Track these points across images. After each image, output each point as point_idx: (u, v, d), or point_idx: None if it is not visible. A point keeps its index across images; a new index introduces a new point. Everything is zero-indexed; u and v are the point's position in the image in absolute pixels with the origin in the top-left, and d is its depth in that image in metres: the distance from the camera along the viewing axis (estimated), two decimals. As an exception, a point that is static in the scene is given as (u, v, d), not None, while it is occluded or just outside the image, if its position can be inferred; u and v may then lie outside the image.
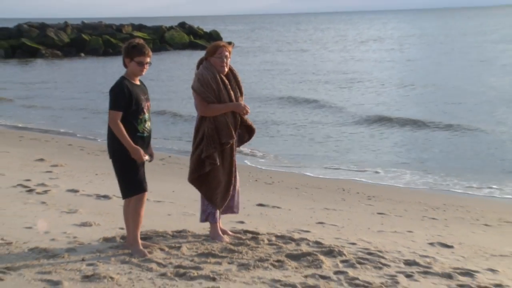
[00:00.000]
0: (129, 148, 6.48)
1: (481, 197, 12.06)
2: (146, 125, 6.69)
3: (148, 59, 6.63)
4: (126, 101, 6.47)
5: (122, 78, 6.61)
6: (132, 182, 6.68)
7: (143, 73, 6.68)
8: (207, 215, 7.32)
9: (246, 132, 7.40)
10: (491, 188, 12.72)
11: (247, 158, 14.97)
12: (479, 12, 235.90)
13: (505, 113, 21.93)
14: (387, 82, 32.78)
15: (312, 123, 21.54)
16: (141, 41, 6.75)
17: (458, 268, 6.72)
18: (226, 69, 7.14)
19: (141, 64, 6.58)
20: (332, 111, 24.06)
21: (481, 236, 8.56)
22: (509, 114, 21.69)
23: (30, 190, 9.95)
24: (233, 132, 7.12)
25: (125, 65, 6.66)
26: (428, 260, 6.99)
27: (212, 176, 7.15)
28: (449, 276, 6.45)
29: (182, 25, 71.38)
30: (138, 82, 6.71)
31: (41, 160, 13.36)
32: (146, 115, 6.68)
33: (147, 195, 6.84)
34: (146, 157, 6.62)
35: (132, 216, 6.80)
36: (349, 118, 22.21)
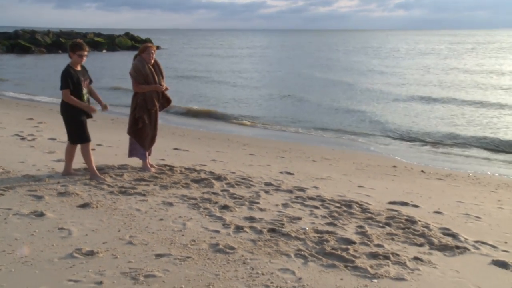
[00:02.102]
0: (83, 107, 6.31)
1: (311, 144, 12.35)
2: (85, 97, 6.42)
3: (85, 53, 6.38)
4: (72, 82, 6.22)
5: (68, 67, 6.32)
6: (79, 134, 6.47)
7: (82, 62, 6.40)
8: (140, 155, 7.21)
9: (166, 102, 7.25)
10: (317, 137, 13.10)
11: (170, 120, 14.68)
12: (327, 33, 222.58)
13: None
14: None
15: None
16: (81, 41, 6.49)
17: (296, 187, 6.92)
18: (152, 61, 6.95)
19: (81, 56, 6.32)
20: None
21: (310, 168, 8.80)
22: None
23: (23, 138, 9.42)
24: (156, 102, 6.99)
25: (70, 57, 6.37)
26: (278, 182, 7.15)
27: (143, 130, 7.01)
28: (290, 191, 6.63)
29: (127, 34, 68.46)
30: (79, 68, 6.41)
31: (31, 119, 12.63)
32: (85, 90, 6.41)
33: (90, 143, 6.66)
34: (98, 108, 6.48)
35: (85, 157, 6.64)
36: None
